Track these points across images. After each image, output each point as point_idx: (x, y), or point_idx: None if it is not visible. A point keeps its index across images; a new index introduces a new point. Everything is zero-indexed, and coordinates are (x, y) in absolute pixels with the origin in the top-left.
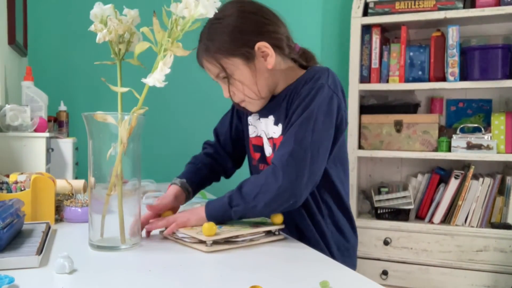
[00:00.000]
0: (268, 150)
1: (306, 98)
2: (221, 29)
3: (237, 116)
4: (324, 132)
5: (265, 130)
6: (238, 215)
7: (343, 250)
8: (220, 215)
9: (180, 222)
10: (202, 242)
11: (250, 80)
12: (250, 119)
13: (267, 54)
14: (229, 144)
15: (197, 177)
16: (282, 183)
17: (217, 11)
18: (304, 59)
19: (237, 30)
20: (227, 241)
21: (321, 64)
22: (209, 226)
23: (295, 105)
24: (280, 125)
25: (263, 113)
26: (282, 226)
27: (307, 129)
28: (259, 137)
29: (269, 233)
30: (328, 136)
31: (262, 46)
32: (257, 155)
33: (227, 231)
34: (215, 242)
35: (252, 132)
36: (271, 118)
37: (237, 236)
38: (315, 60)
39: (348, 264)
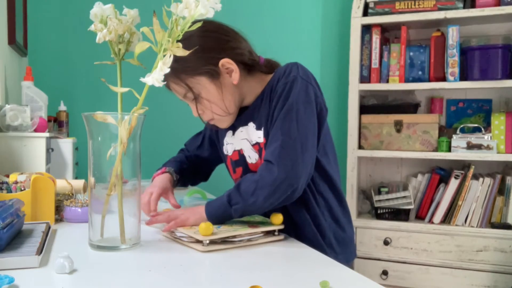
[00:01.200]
0: (254, 157)
1: (282, 93)
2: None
3: (212, 135)
4: (308, 120)
5: (248, 138)
6: (238, 213)
7: (341, 241)
8: (220, 214)
9: (179, 220)
10: (199, 241)
11: (217, 97)
12: (227, 139)
13: (232, 70)
14: (203, 152)
15: (182, 169)
16: (278, 175)
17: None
18: (269, 68)
19: (200, 49)
20: (224, 241)
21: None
22: (206, 225)
23: (274, 102)
24: (263, 129)
25: (240, 123)
26: (282, 227)
27: (291, 120)
28: (236, 151)
29: (268, 233)
30: (313, 124)
31: (226, 62)
32: (239, 170)
33: (225, 231)
34: (212, 242)
35: (230, 151)
36: (251, 125)
37: (234, 236)
38: (273, 66)
39: (347, 254)
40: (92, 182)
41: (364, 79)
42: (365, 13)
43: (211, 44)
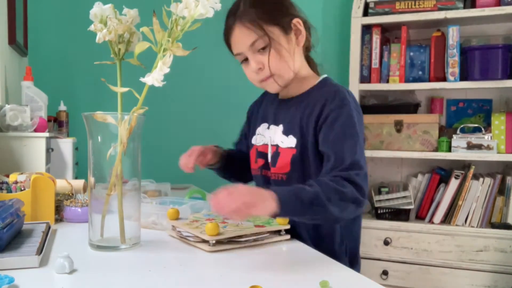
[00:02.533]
0: (270, 156)
1: (326, 113)
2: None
3: (248, 126)
4: (360, 139)
5: (272, 136)
6: (324, 216)
7: (353, 258)
8: (298, 210)
9: (246, 211)
10: (205, 241)
11: (287, 52)
12: (259, 129)
13: (300, 32)
14: (243, 148)
15: (231, 154)
16: (355, 201)
17: None
18: (312, 67)
19: (279, 3)
20: (230, 241)
21: (319, 69)
22: (213, 226)
23: (324, 126)
24: (291, 137)
25: (274, 120)
26: (288, 226)
27: (354, 146)
28: (265, 145)
29: (274, 233)
30: (362, 146)
31: (297, 22)
32: (261, 162)
33: (231, 231)
34: (218, 242)
35: (259, 141)
36: (280, 127)
37: (240, 236)
38: (314, 64)
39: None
40: (92, 182)
41: (364, 79)
42: (365, 13)
43: (289, 3)
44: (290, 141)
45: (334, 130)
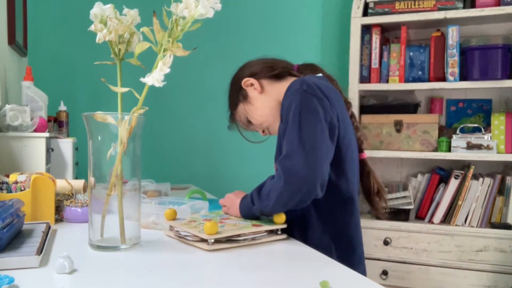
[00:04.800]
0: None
1: (284, 107)
2: (228, 93)
3: None
4: (311, 126)
5: None
6: (257, 212)
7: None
8: (247, 212)
9: (225, 209)
10: (204, 240)
11: (251, 109)
12: None
13: (251, 83)
14: None
15: None
16: (284, 183)
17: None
18: (311, 70)
19: (231, 87)
20: (229, 239)
21: (324, 69)
22: (211, 224)
23: (282, 116)
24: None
25: None
26: (284, 226)
27: (293, 130)
28: None
29: (271, 232)
30: (319, 129)
31: (245, 81)
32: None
33: (229, 230)
34: (217, 241)
35: None
36: None
37: (238, 235)
38: (314, 67)
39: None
40: (92, 182)
41: (364, 79)
42: (365, 13)
43: (235, 78)
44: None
45: (283, 123)
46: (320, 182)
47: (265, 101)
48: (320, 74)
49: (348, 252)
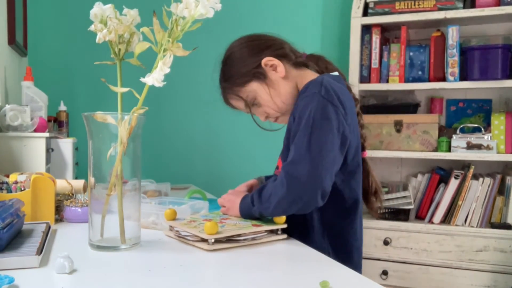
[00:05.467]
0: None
1: (298, 110)
2: (230, 66)
3: None
4: (323, 134)
5: None
6: (257, 213)
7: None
8: (247, 212)
9: (224, 209)
10: (204, 240)
11: (273, 94)
12: None
13: (275, 65)
14: None
15: None
16: (287, 189)
17: (222, 56)
18: (314, 62)
19: (241, 60)
20: (229, 239)
21: (332, 63)
22: (211, 224)
23: (293, 118)
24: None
25: None
26: (285, 226)
27: (304, 136)
28: None
29: (271, 232)
30: (330, 141)
31: (267, 60)
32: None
33: (229, 229)
34: (217, 241)
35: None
36: None
37: (239, 235)
38: (323, 59)
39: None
40: (92, 182)
41: (364, 79)
42: (365, 13)
43: (249, 52)
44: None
45: (295, 125)
46: (321, 193)
47: (287, 87)
48: (336, 73)
49: (344, 257)
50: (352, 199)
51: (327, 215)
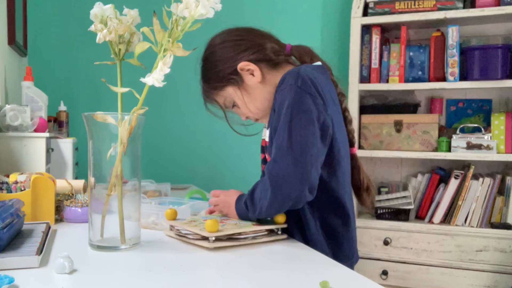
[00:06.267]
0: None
1: (276, 103)
2: (208, 68)
3: None
4: (303, 128)
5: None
6: (253, 216)
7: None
8: (243, 215)
9: (219, 211)
10: (205, 238)
11: (247, 100)
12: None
13: (252, 70)
14: None
15: None
16: (272, 190)
17: (203, 51)
18: (298, 56)
19: (219, 63)
20: (230, 238)
21: (318, 56)
22: (212, 223)
23: (273, 111)
24: (268, 129)
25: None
26: (285, 225)
27: (283, 132)
28: (264, 140)
29: (271, 232)
30: (311, 134)
31: (243, 65)
32: (261, 156)
33: (230, 228)
34: (218, 239)
35: (266, 136)
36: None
37: (239, 234)
38: (308, 52)
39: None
40: (92, 182)
41: (364, 79)
42: (365, 13)
43: (226, 55)
44: (266, 133)
45: (274, 121)
46: (308, 188)
47: (264, 92)
48: (319, 63)
49: (335, 249)
50: (338, 191)
51: (316, 208)
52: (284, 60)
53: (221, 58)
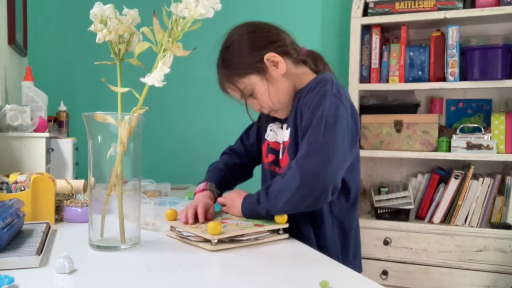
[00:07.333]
0: (281, 154)
1: (311, 105)
2: (232, 54)
3: (259, 126)
4: (336, 132)
5: (285, 135)
6: (264, 212)
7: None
8: (251, 211)
9: (224, 208)
10: (207, 240)
11: (271, 90)
12: (273, 126)
13: (277, 62)
14: (254, 151)
15: (221, 181)
16: (299, 184)
17: (224, 40)
18: (312, 60)
19: (245, 51)
20: (232, 240)
21: (329, 64)
22: (214, 225)
23: (304, 114)
24: (289, 129)
25: (285, 120)
26: (286, 225)
27: (319, 131)
28: (277, 143)
29: (273, 232)
30: (341, 138)
31: (270, 56)
32: (271, 157)
33: (232, 230)
34: (220, 241)
35: (271, 137)
36: (285, 124)
37: (241, 235)
38: (321, 59)
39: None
40: (92, 182)
41: (364, 79)
42: (365, 13)
43: (254, 44)
44: (287, 133)
45: (306, 120)
46: (332, 188)
47: (286, 86)
48: (330, 72)
49: (349, 250)
50: (356, 191)
51: (336, 208)
52: (302, 60)
53: (246, 47)
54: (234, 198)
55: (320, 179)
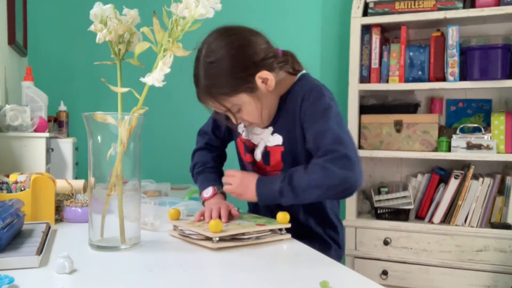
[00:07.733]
0: (258, 156)
1: (311, 111)
2: (218, 72)
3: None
4: (342, 121)
5: (265, 138)
6: (287, 204)
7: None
8: (270, 201)
9: (235, 195)
10: (208, 239)
11: (258, 108)
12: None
13: (267, 79)
14: (227, 140)
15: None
16: (339, 178)
17: (205, 51)
18: (290, 62)
19: (234, 69)
20: (233, 238)
21: (299, 61)
22: (216, 223)
23: (306, 123)
24: (276, 135)
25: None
26: (288, 225)
27: (332, 126)
28: (250, 141)
29: (275, 231)
30: (351, 136)
31: (262, 75)
32: (249, 158)
33: (234, 228)
34: (222, 239)
35: (245, 134)
36: (270, 129)
37: (243, 234)
38: (296, 58)
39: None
40: (92, 182)
41: (364, 79)
42: (365, 13)
43: (244, 62)
44: (276, 139)
45: (313, 126)
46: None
47: (273, 99)
48: (304, 71)
49: (338, 237)
50: None
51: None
52: (280, 62)
53: (239, 65)
54: (245, 183)
55: (356, 170)
